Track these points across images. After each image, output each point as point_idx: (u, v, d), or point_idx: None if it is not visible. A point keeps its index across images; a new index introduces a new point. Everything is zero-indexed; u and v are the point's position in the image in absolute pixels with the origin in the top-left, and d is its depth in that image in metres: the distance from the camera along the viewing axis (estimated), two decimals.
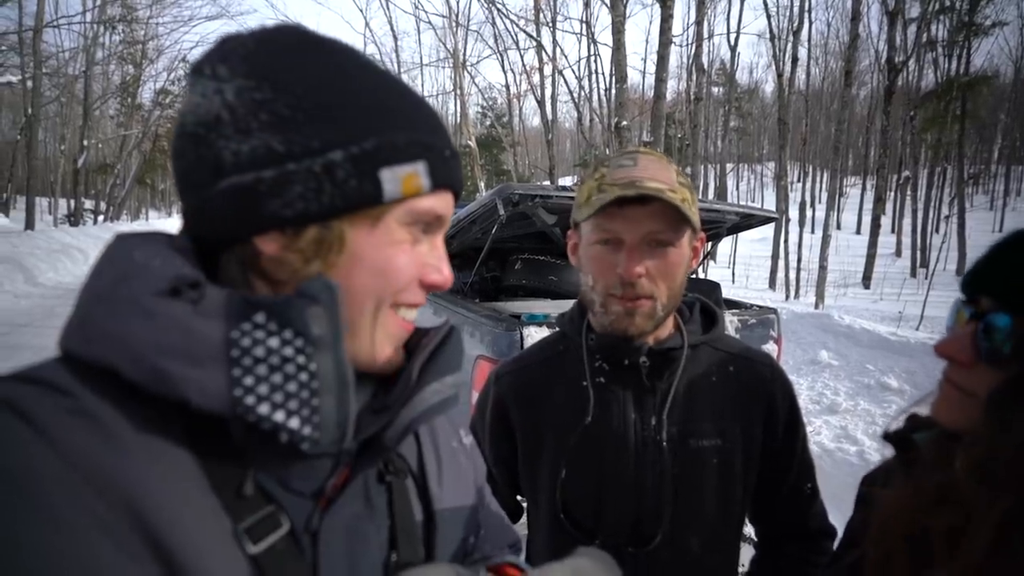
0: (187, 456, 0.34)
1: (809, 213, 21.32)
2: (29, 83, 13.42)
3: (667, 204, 0.67)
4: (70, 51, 16.65)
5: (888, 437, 0.56)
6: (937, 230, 20.48)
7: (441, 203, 0.41)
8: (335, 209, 0.36)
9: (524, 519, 0.88)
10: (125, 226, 18.28)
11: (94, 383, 0.33)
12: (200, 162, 0.37)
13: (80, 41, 16.22)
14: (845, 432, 3.52)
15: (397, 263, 0.39)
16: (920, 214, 18.44)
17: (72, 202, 17.88)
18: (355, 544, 0.40)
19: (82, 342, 0.34)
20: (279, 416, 0.33)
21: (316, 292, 0.35)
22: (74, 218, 17.14)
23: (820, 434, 3.54)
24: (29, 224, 13.39)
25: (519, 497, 0.88)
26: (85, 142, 16.45)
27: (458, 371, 0.44)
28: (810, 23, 14.60)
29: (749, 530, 0.90)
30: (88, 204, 19.84)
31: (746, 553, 0.89)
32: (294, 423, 0.34)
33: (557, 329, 0.87)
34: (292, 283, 0.38)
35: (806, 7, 12.75)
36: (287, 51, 0.37)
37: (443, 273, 0.43)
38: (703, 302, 0.86)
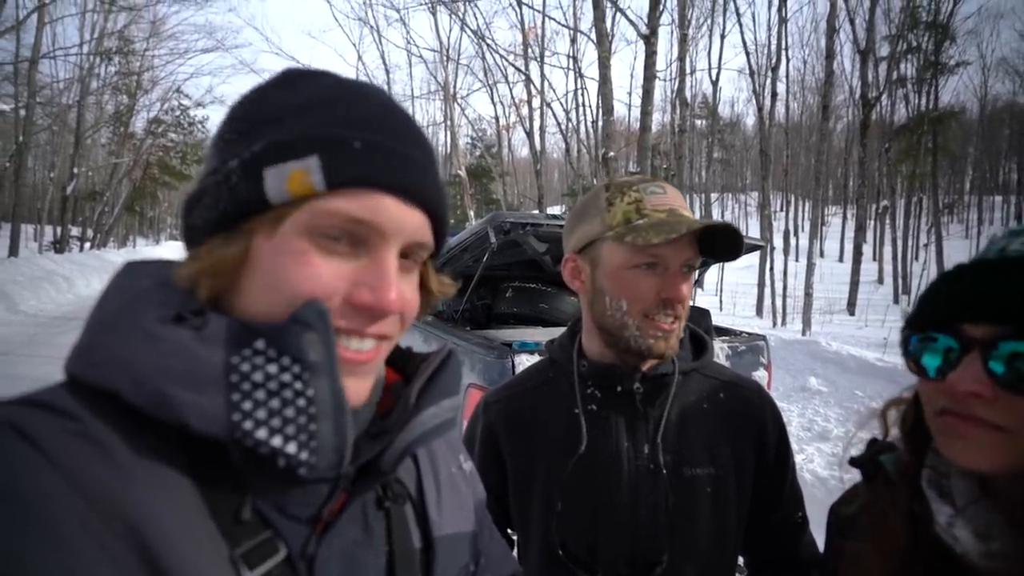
0: (186, 481, 0.34)
1: (793, 241, 21.75)
2: (22, 112, 13.45)
3: (699, 234, 0.72)
4: (65, 81, 16.78)
5: (855, 463, 0.57)
6: (917, 258, 20.99)
7: (361, 206, 0.36)
8: (228, 216, 0.36)
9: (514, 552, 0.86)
10: (112, 253, 18.04)
11: (98, 407, 0.33)
12: None
13: (75, 72, 16.38)
14: (838, 459, 3.51)
15: (288, 275, 0.36)
16: (900, 242, 18.95)
17: (59, 229, 17.71)
18: (352, 571, 0.39)
19: (87, 366, 0.34)
20: (276, 441, 0.33)
21: (309, 318, 0.35)
22: (60, 245, 16.92)
23: (813, 461, 3.52)
24: (13, 251, 13.17)
25: (508, 530, 0.86)
26: (75, 169, 16.40)
27: (456, 395, 0.44)
28: (787, 60, 15.28)
29: (740, 561, 0.89)
30: (75, 231, 19.65)
31: None
32: (291, 448, 0.34)
33: (546, 356, 0.87)
34: (226, 298, 0.38)
35: (783, 45, 13.33)
36: (259, 87, 0.41)
37: (378, 293, 0.37)
38: (692, 329, 0.86)
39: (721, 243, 0.73)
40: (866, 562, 0.53)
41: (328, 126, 0.36)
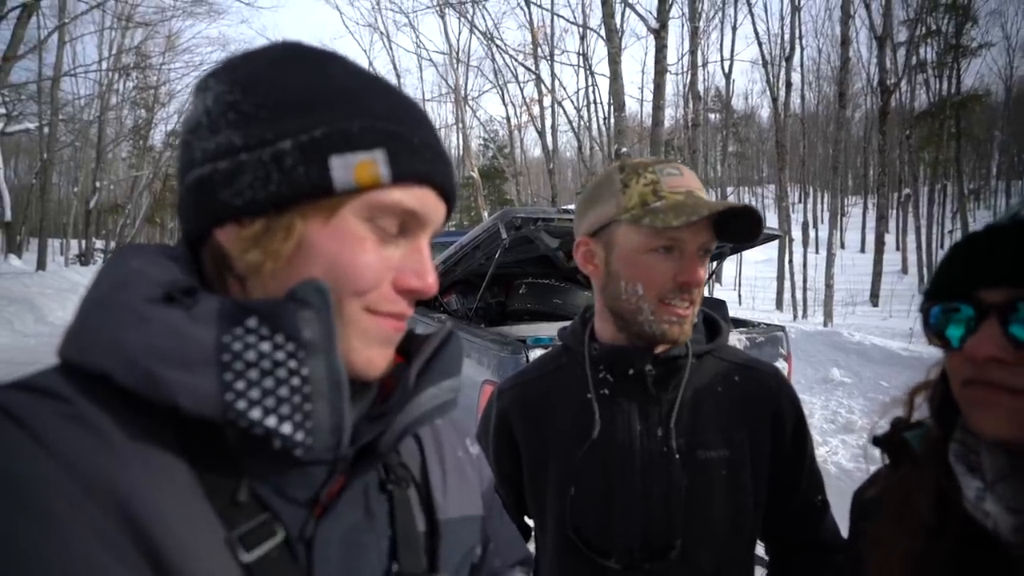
0: (181, 462, 0.34)
1: (812, 233, 21.34)
2: (46, 129, 13.89)
3: (720, 217, 0.69)
4: (85, 98, 17.30)
5: (878, 441, 0.54)
6: (942, 246, 20.43)
7: (414, 198, 0.38)
8: (282, 198, 0.35)
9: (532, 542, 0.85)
10: None
11: (90, 390, 0.33)
12: (182, 163, 0.39)
13: (95, 88, 16.86)
14: (863, 451, 3.43)
15: (352, 259, 0.37)
16: (924, 231, 18.44)
17: (83, 242, 18.23)
18: (352, 553, 0.39)
19: (78, 349, 0.34)
20: (271, 421, 0.33)
21: (306, 295, 0.35)
22: (85, 258, 17.44)
23: (837, 454, 3.45)
24: (41, 265, 13.62)
25: (526, 518, 0.85)
26: (97, 184, 16.91)
27: (456, 375, 0.43)
28: (801, 49, 14.95)
29: (760, 550, 0.86)
30: (99, 244, 20.24)
31: (759, 574, 0.86)
32: (286, 428, 0.33)
33: (559, 343, 0.86)
34: (256, 280, 0.37)
35: (797, 34, 13.10)
36: (268, 59, 0.39)
37: (423, 278, 0.39)
38: (706, 312, 0.85)
39: (737, 226, 0.71)
40: (891, 541, 0.51)
41: (390, 121, 0.37)
